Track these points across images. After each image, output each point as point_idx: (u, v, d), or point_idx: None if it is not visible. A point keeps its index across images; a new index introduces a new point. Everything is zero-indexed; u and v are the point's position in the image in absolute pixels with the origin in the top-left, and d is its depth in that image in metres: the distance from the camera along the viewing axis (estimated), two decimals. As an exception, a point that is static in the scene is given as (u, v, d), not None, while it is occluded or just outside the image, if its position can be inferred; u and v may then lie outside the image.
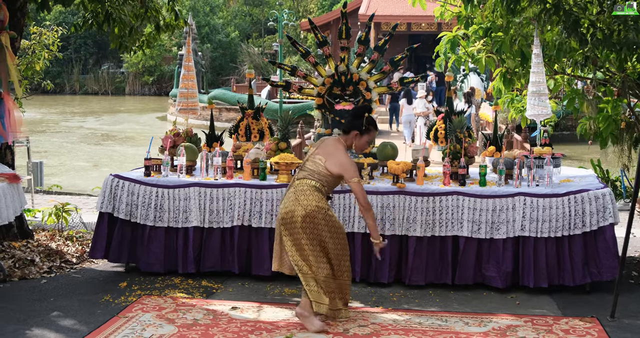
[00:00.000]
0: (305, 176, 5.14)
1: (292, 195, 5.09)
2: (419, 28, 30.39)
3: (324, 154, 5.18)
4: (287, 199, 5.12)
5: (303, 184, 5.10)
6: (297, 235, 5.01)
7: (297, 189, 5.09)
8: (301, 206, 5.01)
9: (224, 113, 27.47)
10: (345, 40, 6.76)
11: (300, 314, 5.05)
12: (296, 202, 5.03)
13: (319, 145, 5.29)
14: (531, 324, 5.19)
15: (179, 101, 7.52)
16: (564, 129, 20.45)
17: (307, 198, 5.03)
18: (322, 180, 5.13)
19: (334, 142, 5.28)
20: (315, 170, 5.14)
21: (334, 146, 5.23)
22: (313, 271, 4.98)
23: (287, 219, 5.04)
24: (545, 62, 6.90)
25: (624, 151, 8.38)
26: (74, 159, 20.45)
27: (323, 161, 5.14)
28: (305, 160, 5.26)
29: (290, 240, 5.03)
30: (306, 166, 5.20)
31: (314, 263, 4.98)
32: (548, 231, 5.86)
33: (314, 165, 5.16)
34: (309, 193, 5.05)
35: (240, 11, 53.51)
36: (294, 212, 5.01)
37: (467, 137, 6.57)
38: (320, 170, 5.13)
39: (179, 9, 8.54)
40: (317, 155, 5.19)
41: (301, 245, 5.00)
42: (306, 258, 5.00)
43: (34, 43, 9.93)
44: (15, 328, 5.07)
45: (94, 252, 6.42)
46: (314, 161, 5.17)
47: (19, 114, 6.79)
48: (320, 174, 5.13)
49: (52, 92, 34.61)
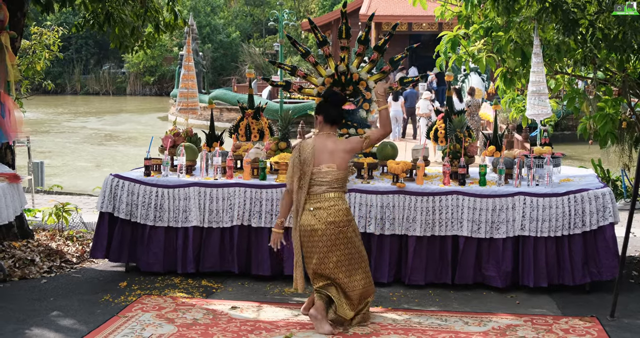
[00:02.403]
0: (326, 190, 5.05)
1: (317, 212, 5.00)
2: (420, 28, 30.37)
3: (327, 161, 5.08)
4: (312, 217, 5.01)
5: (328, 199, 5.04)
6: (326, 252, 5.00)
7: (320, 205, 5.01)
8: (332, 223, 5.00)
9: (224, 113, 27.46)
10: (345, 40, 6.75)
11: (314, 316, 5.02)
12: (324, 218, 4.99)
13: (309, 155, 5.09)
14: (531, 324, 5.19)
15: (179, 101, 7.52)
16: (564, 129, 20.45)
17: (337, 214, 5.01)
18: (342, 185, 5.12)
19: (322, 141, 5.15)
20: (333, 179, 5.07)
21: (328, 144, 5.12)
22: (345, 282, 5.03)
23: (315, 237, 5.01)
24: (546, 61, 6.90)
25: (625, 151, 8.37)
26: (77, 159, 20.46)
27: (334, 167, 5.07)
28: (307, 174, 5.05)
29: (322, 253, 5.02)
30: (319, 180, 5.05)
31: (346, 279, 5.03)
32: (548, 231, 5.86)
33: (327, 175, 5.06)
34: (337, 208, 5.03)
35: (241, 11, 53.52)
36: (325, 229, 4.99)
37: (467, 136, 6.57)
38: (337, 176, 5.08)
39: (180, 9, 8.56)
40: (322, 166, 5.07)
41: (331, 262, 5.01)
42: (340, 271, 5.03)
43: (34, 43, 9.94)
44: (15, 327, 5.07)
45: (94, 252, 6.43)
46: (325, 172, 5.05)
47: (20, 114, 6.79)
48: (339, 180, 5.09)
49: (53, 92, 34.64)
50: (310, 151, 5.12)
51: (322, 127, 5.24)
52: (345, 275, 5.02)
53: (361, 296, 5.09)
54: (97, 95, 47.16)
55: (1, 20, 6.42)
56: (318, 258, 5.01)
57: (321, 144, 5.15)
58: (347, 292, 5.03)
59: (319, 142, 5.17)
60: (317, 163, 5.09)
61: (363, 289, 5.08)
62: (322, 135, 5.20)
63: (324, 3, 46.74)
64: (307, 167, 5.09)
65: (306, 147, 5.16)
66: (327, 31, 31.27)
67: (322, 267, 5.02)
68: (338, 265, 5.01)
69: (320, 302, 5.03)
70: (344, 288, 5.04)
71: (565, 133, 20.18)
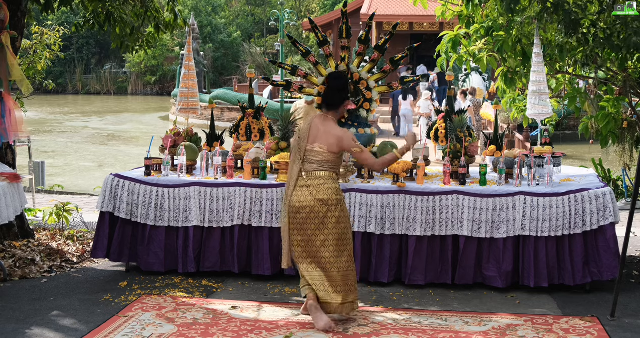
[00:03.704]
0: (316, 169, 5.11)
1: (306, 190, 5.06)
2: (421, 27, 30.36)
3: (320, 140, 5.13)
4: (301, 194, 5.07)
5: (318, 177, 5.09)
6: (314, 229, 5.04)
7: (310, 183, 5.07)
8: (320, 200, 5.03)
9: (226, 113, 27.46)
10: (346, 40, 6.75)
11: (313, 307, 5.03)
12: (312, 196, 5.04)
13: (305, 131, 5.18)
14: (531, 323, 5.19)
15: (180, 101, 7.52)
16: (565, 129, 20.43)
17: (326, 192, 5.05)
18: (333, 167, 5.15)
19: (320, 121, 5.21)
20: (323, 160, 5.12)
21: (323, 125, 5.16)
22: (331, 262, 5.04)
23: (303, 213, 5.05)
24: (547, 61, 6.89)
25: (626, 150, 8.38)
26: (80, 159, 20.48)
27: (325, 148, 5.11)
28: (302, 150, 5.14)
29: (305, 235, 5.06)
30: (310, 158, 5.12)
31: (332, 258, 5.05)
32: (548, 230, 5.86)
33: (318, 155, 5.12)
34: (327, 186, 5.07)
35: (242, 11, 53.53)
36: (313, 206, 5.03)
37: (467, 136, 6.57)
38: (327, 158, 5.12)
39: (180, 9, 8.56)
40: (315, 144, 5.13)
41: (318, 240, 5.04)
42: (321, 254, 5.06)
43: (35, 43, 9.95)
44: (16, 327, 5.07)
45: (95, 252, 6.43)
46: (317, 152, 5.11)
47: (20, 113, 6.79)
48: (329, 162, 5.13)
49: (54, 92, 34.72)
50: (306, 127, 5.21)
51: (323, 107, 5.31)
52: (331, 255, 5.04)
53: (345, 279, 5.06)
54: (99, 95, 47.18)
55: (1, 20, 6.42)
56: (306, 235, 5.06)
57: (318, 124, 5.19)
58: (332, 273, 5.02)
59: (316, 121, 5.22)
60: (311, 141, 5.16)
61: (347, 272, 5.08)
62: (322, 116, 5.26)
63: (325, 3, 46.75)
64: (302, 142, 5.17)
65: (305, 123, 5.28)
66: (328, 31, 31.28)
67: (310, 245, 5.06)
68: (325, 244, 5.04)
69: (313, 294, 5.05)
70: (328, 269, 5.03)
71: (566, 132, 20.16)
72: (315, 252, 5.07)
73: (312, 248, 5.07)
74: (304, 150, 5.15)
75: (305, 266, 5.11)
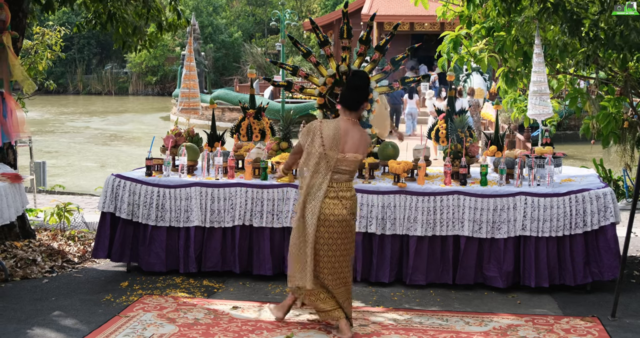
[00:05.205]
0: (348, 179, 4.90)
1: (338, 202, 4.82)
2: (422, 28, 30.36)
3: (354, 149, 4.84)
4: (334, 206, 4.81)
5: (349, 188, 4.92)
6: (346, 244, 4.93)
7: (342, 194, 4.86)
8: (353, 214, 4.95)
9: (226, 113, 27.45)
10: (347, 40, 6.75)
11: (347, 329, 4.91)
12: (348, 209, 4.89)
13: (337, 139, 4.78)
14: (532, 324, 5.19)
15: (181, 101, 7.54)
16: (566, 129, 20.44)
17: (355, 205, 4.96)
18: (354, 175, 5.02)
19: (348, 125, 4.85)
20: (353, 170, 4.92)
21: (353, 131, 4.85)
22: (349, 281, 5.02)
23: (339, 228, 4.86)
24: (548, 61, 6.89)
25: (627, 150, 8.37)
26: (82, 159, 20.50)
27: (360, 157, 4.90)
28: (332, 159, 4.79)
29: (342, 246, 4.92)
30: (342, 168, 4.84)
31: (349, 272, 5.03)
32: (549, 231, 5.86)
33: (352, 164, 4.86)
34: (355, 198, 4.98)
35: (243, 11, 53.52)
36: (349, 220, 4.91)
37: (468, 136, 6.57)
38: (357, 167, 4.95)
39: (182, 8, 8.56)
40: (349, 153, 4.82)
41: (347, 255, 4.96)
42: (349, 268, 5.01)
43: (36, 43, 9.96)
44: (17, 327, 5.08)
45: (96, 252, 6.44)
46: (351, 161, 4.85)
47: (22, 113, 6.80)
48: (355, 170, 4.97)
49: (55, 92, 34.67)
50: (334, 134, 4.81)
51: (342, 111, 4.95)
52: (350, 268, 5.00)
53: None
54: (100, 95, 47.19)
55: (3, 21, 6.43)
56: (338, 250, 4.87)
57: (348, 129, 4.85)
58: (349, 287, 5.01)
59: (344, 127, 4.84)
60: (344, 149, 4.82)
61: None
62: (346, 121, 4.89)
63: (326, 3, 46.73)
64: (332, 151, 4.80)
65: (327, 129, 4.83)
66: (329, 31, 31.28)
67: (339, 260, 4.90)
68: (347, 258, 4.98)
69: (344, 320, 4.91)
70: (349, 284, 4.99)
71: (567, 132, 20.18)
72: (341, 267, 4.91)
73: (341, 264, 4.91)
74: (335, 159, 4.81)
75: (335, 283, 4.88)
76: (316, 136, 4.83)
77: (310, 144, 4.86)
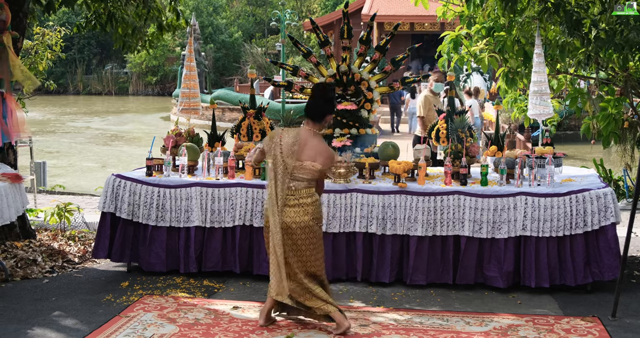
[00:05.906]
0: (306, 186, 4.95)
1: (299, 209, 4.89)
2: (422, 28, 30.38)
3: (311, 157, 4.92)
4: (295, 214, 4.88)
5: (310, 194, 4.96)
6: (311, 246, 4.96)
7: (303, 201, 4.92)
8: (317, 219, 4.97)
9: (227, 113, 27.45)
10: (347, 40, 6.76)
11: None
12: (310, 215, 4.92)
13: (294, 147, 4.90)
14: (532, 324, 5.19)
15: (181, 101, 7.53)
16: (567, 129, 20.43)
17: (316, 210, 4.97)
18: (314, 183, 5.05)
19: (308, 135, 4.96)
20: (312, 178, 4.98)
21: (312, 141, 4.94)
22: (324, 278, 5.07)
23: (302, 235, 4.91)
24: (548, 61, 6.89)
25: (627, 150, 8.37)
26: (83, 159, 20.49)
27: (318, 167, 4.95)
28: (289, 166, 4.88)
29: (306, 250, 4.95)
30: (299, 176, 4.91)
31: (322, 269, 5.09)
32: (549, 231, 5.86)
33: (309, 173, 4.93)
34: (318, 203, 5.01)
35: (243, 11, 53.53)
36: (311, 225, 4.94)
37: (468, 136, 6.57)
38: (316, 175, 4.99)
39: (182, 9, 8.56)
40: (306, 162, 4.91)
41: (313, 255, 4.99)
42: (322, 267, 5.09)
43: (36, 43, 9.96)
44: (17, 327, 5.08)
45: (97, 252, 6.44)
46: (308, 170, 4.92)
47: (22, 114, 6.80)
48: (315, 179, 5.02)
49: (55, 93, 34.68)
50: (292, 142, 4.92)
51: (305, 120, 5.07)
52: (321, 266, 5.06)
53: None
54: (100, 95, 47.19)
55: (3, 21, 6.43)
56: (305, 256, 4.94)
57: (306, 139, 4.96)
58: (326, 283, 5.07)
59: (303, 136, 4.96)
60: (301, 157, 4.92)
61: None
62: (307, 131, 4.99)
63: (326, 3, 46.75)
64: (289, 158, 4.90)
65: (287, 137, 4.94)
66: (329, 31, 31.29)
67: (314, 265, 4.97)
68: (322, 259, 5.06)
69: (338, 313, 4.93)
70: (325, 281, 5.07)
71: (567, 132, 20.16)
72: (315, 271, 5.00)
73: (314, 267, 4.98)
74: (292, 167, 4.91)
75: (312, 285, 4.95)
76: (276, 144, 4.96)
77: (271, 151, 4.99)
